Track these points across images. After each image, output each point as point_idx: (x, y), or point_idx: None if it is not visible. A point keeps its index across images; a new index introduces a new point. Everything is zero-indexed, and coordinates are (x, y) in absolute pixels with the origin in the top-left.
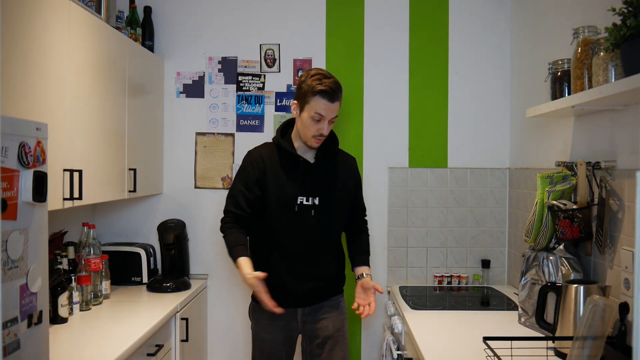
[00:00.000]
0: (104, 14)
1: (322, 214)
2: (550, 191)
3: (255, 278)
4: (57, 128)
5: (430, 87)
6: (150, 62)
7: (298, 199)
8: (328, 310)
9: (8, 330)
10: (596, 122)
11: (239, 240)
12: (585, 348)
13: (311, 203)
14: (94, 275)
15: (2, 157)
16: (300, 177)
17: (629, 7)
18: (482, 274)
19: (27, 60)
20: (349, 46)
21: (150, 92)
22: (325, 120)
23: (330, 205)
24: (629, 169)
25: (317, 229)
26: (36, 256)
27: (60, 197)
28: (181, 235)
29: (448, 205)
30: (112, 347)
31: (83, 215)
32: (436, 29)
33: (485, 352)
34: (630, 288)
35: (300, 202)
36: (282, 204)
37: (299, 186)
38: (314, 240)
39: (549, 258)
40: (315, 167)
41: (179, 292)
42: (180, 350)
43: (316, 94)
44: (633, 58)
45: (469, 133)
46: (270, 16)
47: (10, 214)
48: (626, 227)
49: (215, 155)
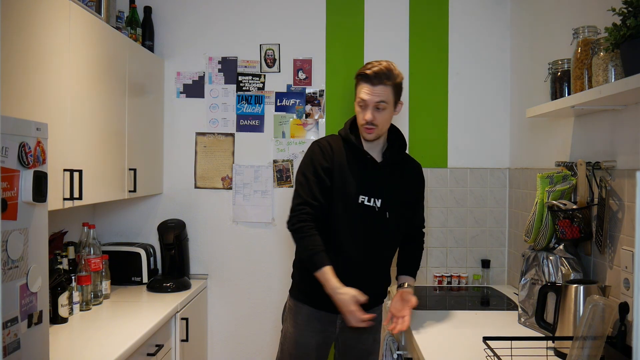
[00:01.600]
0: (104, 14)
1: (384, 217)
2: (550, 191)
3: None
4: (57, 128)
5: (430, 87)
6: (150, 62)
7: (360, 197)
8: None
9: (8, 330)
10: (596, 122)
11: (319, 245)
12: (585, 348)
13: (373, 204)
14: (94, 275)
15: (2, 157)
16: (365, 175)
17: (629, 7)
18: (482, 274)
19: (27, 60)
20: (349, 46)
21: (151, 92)
22: (368, 106)
23: (394, 210)
24: (629, 169)
25: (378, 233)
26: (36, 256)
27: (60, 197)
28: (181, 235)
29: (448, 205)
30: (112, 347)
31: (83, 215)
32: (436, 29)
33: (485, 352)
34: (630, 288)
35: (362, 201)
36: (344, 199)
37: (362, 184)
38: (372, 244)
39: (549, 258)
40: (382, 167)
41: (179, 292)
42: (180, 350)
43: (359, 79)
44: (633, 58)
45: (469, 133)
46: (270, 16)
47: (10, 214)
48: (626, 227)
49: (215, 155)
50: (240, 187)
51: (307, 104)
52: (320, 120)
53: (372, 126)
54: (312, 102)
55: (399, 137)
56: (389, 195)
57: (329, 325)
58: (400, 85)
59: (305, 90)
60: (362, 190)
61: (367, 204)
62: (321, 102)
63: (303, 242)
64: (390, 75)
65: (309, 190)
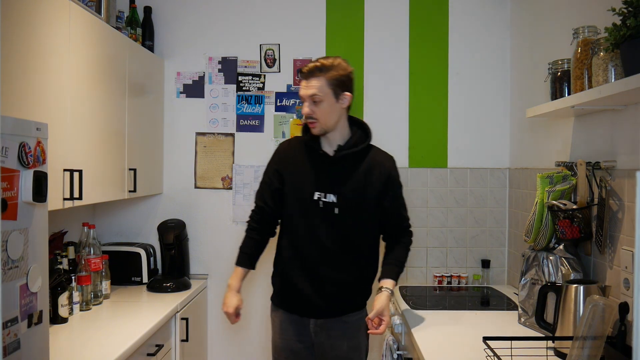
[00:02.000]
0: (104, 14)
1: (340, 213)
2: (550, 191)
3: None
4: (57, 128)
5: (430, 87)
6: (150, 62)
7: (315, 194)
8: (344, 327)
9: (8, 330)
10: (596, 122)
11: (246, 246)
12: (585, 348)
13: (329, 200)
14: (94, 275)
15: (2, 157)
16: (319, 171)
17: (629, 7)
18: (482, 274)
19: (27, 60)
20: (349, 46)
21: (150, 92)
22: (305, 101)
23: (348, 206)
24: (629, 169)
25: (332, 230)
26: (36, 256)
27: (61, 197)
28: (181, 235)
29: (448, 205)
30: (112, 347)
31: (83, 215)
32: (436, 29)
33: (485, 352)
34: (630, 288)
35: (318, 198)
36: (296, 198)
37: (316, 180)
38: (329, 243)
39: (549, 258)
40: (336, 161)
41: (179, 292)
42: (180, 350)
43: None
44: (633, 58)
45: (468, 133)
46: (270, 16)
47: (10, 214)
48: (626, 227)
49: (215, 155)
50: (240, 187)
51: None
52: None
53: (312, 120)
54: None
55: (363, 130)
56: (344, 191)
57: (303, 329)
58: (341, 78)
59: None
60: (316, 186)
61: (324, 200)
62: None
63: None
64: (323, 69)
65: (260, 194)
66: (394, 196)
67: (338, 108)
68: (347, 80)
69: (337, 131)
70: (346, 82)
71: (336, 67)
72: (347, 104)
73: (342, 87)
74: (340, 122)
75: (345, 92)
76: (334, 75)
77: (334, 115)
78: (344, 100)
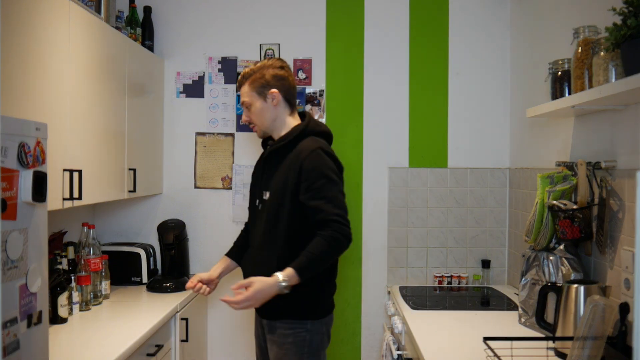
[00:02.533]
0: (104, 14)
1: (262, 210)
2: (551, 191)
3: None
4: (57, 128)
5: (430, 87)
6: (150, 62)
7: (257, 192)
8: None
9: (8, 330)
10: (596, 122)
11: (236, 239)
12: (585, 348)
13: (265, 197)
14: (94, 275)
15: (1, 157)
16: (261, 170)
17: (629, 7)
18: (482, 274)
19: (27, 60)
20: (349, 46)
21: (150, 92)
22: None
23: (271, 201)
24: (629, 169)
25: (260, 226)
26: (36, 256)
27: (60, 197)
28: (181, 235)
29: (448, 205)
30: (112, 347)
31: (83, 215)
32: (436, 29)
33: (486, 352)
34: (631, 288)
35: (259, 195)
36: (250, 197)
37: (259, 179)
38: (258, 239)
39: (549, 258)
40: (268, 158)
41: (179, 292)
42: (180, 350)
43: None
44: (633, 58)
45: (469, 133)
46: (270, 16)
47: (10, 214)
48: (626, 227)
49: (215, 155)
50: (240, 187)
51: (307, 103)
52: (320, 120)
53: (252, 124)
54: (312, 102)
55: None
56: (272, 187)
57: (259, 327)
58: (261, 80)
59: (305, 90)
60: (259, 185)
61: (260, 198)
62: (321, 102)
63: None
64: (245, 76)
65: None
66: (307, 187)
67: (269, 107)
68: (270, 78)
69: (279, 129)
70: (269, 80)
71: (257, 71)
72: (278, 100)
73: (267, 86)
74: (279, 120)
75: (272, 90)
76: (255, 79)
77: (268, 115)
78: (272, 99)
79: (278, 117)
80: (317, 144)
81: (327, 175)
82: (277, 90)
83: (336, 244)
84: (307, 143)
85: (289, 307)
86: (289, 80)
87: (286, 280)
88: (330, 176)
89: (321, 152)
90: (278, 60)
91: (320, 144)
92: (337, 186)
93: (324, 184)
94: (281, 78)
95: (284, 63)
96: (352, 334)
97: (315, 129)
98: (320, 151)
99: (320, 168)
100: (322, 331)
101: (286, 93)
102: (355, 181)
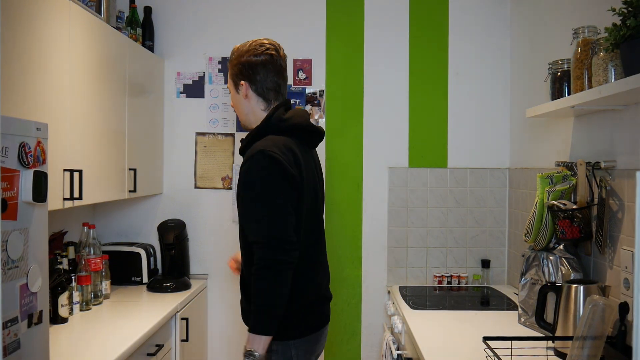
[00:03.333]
0: (104, 14)
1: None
2: (550, 191)
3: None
4: (57, 128)
5: (430, 87)
6: (150, 62)
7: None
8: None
9: (8, 330)
10: (596, 122)
11: None
12: (585, 348)
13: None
14: (94, 275)
15: (2, 157)
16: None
17: (629, 7)
18: (482, 274)
19: (27, 60)
20: (349, 46)
21: (150, 92)
22: None
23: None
24: (628, 169)
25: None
26: (36, 256)
27: (60, 197)
28: (181, 235)
29: (448, 205)
30: (112, 347)
31: (83, 215)
32: (436, 29)
33: (485, 352)
34: (630, 288)
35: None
36: None
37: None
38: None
39: (549, 258)
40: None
41: (179, 292)
42: (180, 350)
43: None
44: (633, 58)
45: (469, 133)
46: (270, 16)
47: (10, 214)
48: (626, 227)
49: (215, 156)
50: None
51: (307, 104)
52: (321, 120)
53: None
54: (312, 102)
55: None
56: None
57: None
58: (236, 64)
59: (305, 90)
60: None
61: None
62: (321, 102)
63: None
64: (227, 59)
65: None
66: (239, 202)
67: (241, 99)
68: (242, 67)
69: (253, 125)
70: (241, 69)
71: (232, 56)
72: (246, 94)
73: (239, 75)
74: (252, 116)
75: (241, 82)
76: (231, 65)
77: (241, 108)
78: (242, 91)
79: (252, 111)
80: (264, 145)
81: (253, 189)
82: (245, 82)
83: (268, 274)
84: (257, 144)
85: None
86: (268, 71)
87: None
88: (256, 189)
89: (261, 156)
90: (263, 41)
91: (267, 145)
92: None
93: (251, 199)
94: (253, 66)
95: (269, 44)
96: (352, 334)
97: (279, 126)
98: (259, 155)
99: (249, 177)
100: (290, 354)
101: (257, 85)
102: (355, 181)
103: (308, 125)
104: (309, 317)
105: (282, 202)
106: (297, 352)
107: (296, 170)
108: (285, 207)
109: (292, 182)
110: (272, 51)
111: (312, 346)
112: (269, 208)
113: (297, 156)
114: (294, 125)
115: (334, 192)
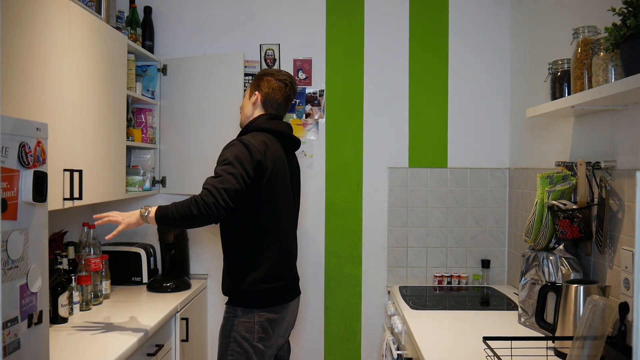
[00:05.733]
0: (104, 14)
1: None
2: (550, 191)
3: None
4: (57, 128)
5: (430, 87)
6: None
7: None
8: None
9: (8, 330)
10: (596, 122)
11: None
12: (585, 348)
13: None
14: (94, 275)
15: (2, 157)
16: None
17: (629, 7)
18: (482, 274)
19: (28, 61)
20: (348, 46)
21: None
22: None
23: None
24: (629, 169)
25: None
26: (36, 256)
27: (61, 197)
28: (181, 235)
29: (448, 205)
30: (112, 347)
31: (83, 215)
32: (436, 29)
33: (485, 352)
34: (630, 288)
35: None
36: None
37: None
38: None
39: (549, 258)
40: None
41: (179, 292)
42: (180, 350)
43: None
44: (633, 58)
45: (469, 133)
46: (270, 16)
47: (10, 214)
48: (626, 227)
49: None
50: None
51: (307, 104)
52: (321, 120)
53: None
54: (312, 102)
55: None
56: None
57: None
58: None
59: (305, 90)
60: None
61: None
62: (321, 102)
63: None
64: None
65: None
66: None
67: (249, 103)
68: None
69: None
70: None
71: (260, 72)
72: (255, 101)
73: (256, 87)
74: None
75: (256, 92)
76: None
77: (247, 110)
78: (253, 98)
79: (252, 115)
80: (243, 136)
81: (226, 158)
82: (259, 93)
83: (194, 204)
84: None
85: (228, 293)
86: (278, 93)
87: (148, 210)
88: (228, 159)
89: (237, 141)
90: (286, 76)
91: (245, 137)
92: (230, 166)
93: (218, 163)
94: (271, 88)
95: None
96: (352, 333)
97: (260, 125)
98: (236, 141)
99: (223, 153)
100: (253, 322)
101: (265, 99)
102: (355, 181)
103: (284, 130)
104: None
105: (238, 172)
106: (261, 321)
107: (264, 158)
108: (238, 177)
109: (256, 166)
110: (287, 82)
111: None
112: (226, 169)
113: (269, 148)
114: (272, 127)
115: (334, 192)
